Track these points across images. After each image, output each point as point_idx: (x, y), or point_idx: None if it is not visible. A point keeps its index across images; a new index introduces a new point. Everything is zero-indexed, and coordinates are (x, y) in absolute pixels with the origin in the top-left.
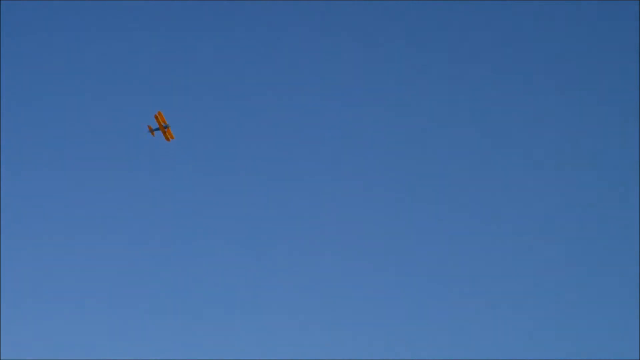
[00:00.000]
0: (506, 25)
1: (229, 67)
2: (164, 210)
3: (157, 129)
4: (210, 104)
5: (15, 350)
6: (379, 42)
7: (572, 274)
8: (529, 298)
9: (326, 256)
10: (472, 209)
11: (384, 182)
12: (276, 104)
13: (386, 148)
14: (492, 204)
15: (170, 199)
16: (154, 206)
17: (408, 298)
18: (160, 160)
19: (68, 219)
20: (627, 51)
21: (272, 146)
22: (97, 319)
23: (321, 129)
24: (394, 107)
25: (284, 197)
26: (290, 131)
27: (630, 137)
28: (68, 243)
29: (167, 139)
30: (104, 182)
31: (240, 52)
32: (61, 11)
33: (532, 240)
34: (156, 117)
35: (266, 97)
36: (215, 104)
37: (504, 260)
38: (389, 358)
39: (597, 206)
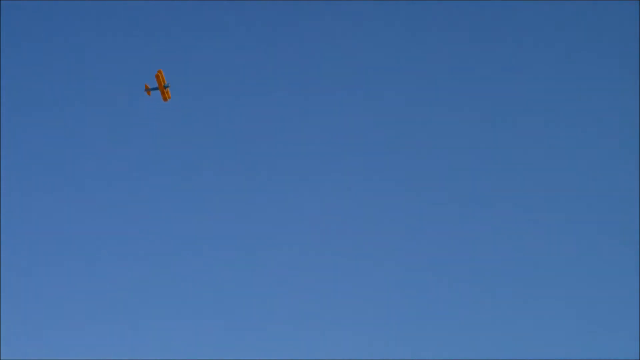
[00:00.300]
0: (506, 25)
1: (226, 64)
2: (162, 211)
3: (155, 89)
4: (208, 102)
5: (15, 350)
6: (381, 43)
7: (571, 274)
8: (528, 298)
9: (327, 255)
10: (470, 210)
11: (381, 179)
12: (275, 100)
13: (387, 143)
14: (490, 205)
15: (170, 199)
16: (153, 206)
17: (409, 296)
18: (159, 158)
19: (67, 218)
20: (627, 51)
21: (272, 143)
22: (97, 318)
23: (319, 125)
24: (393, 102)
25: (284, 194)
26: (289, 128)
27: (630, 137)
28: (68, 243)
29: (165, 99)
30: (104, 182)
31: (240, 48)
32: (61, 12)
33: (531, 241)
34: (157, 77)
35: (266, 94)
36: (213, 101)
37: (503, 260)
38: (390, 358)
39: (597, 207)
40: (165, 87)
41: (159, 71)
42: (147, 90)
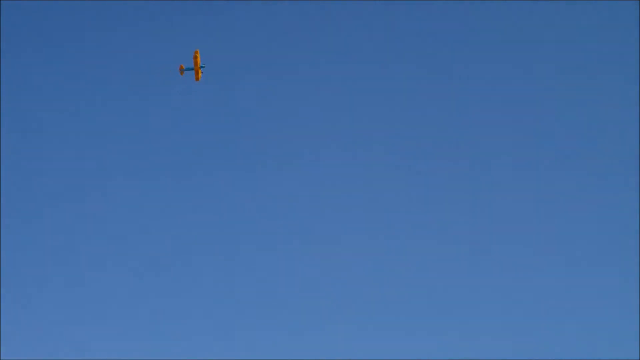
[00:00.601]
0: (506, 25)
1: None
2: (162, 211)
3: (190, 69)
4: (208, 101)
5: (15, 350)
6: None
7: (571, 273)
8: (527, 298)
9: (329, 255)
10: (471, 208)
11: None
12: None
13: (391, 142)
14: (488, 206)
15: (170, 200)
16: (152, 206)
17: (409, 296)
18: (159, 158)
19: (68, 218)
20: (627, 51)
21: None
22: (98, 318)
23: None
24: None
25: (286, 189)
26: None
27: (630, 137)
28: (68, 242)
29: (197, 79)
30: (103, 182)
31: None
32: (61, 12)
33: (531, 240)
34: (194, 58)
35: (272, 91)
36: (213, 100)
37: (504, 260)
38: (391, 358)
39: (596, 208)
40: (201, 67)
41: (196, 51)
42: (181, 70)
